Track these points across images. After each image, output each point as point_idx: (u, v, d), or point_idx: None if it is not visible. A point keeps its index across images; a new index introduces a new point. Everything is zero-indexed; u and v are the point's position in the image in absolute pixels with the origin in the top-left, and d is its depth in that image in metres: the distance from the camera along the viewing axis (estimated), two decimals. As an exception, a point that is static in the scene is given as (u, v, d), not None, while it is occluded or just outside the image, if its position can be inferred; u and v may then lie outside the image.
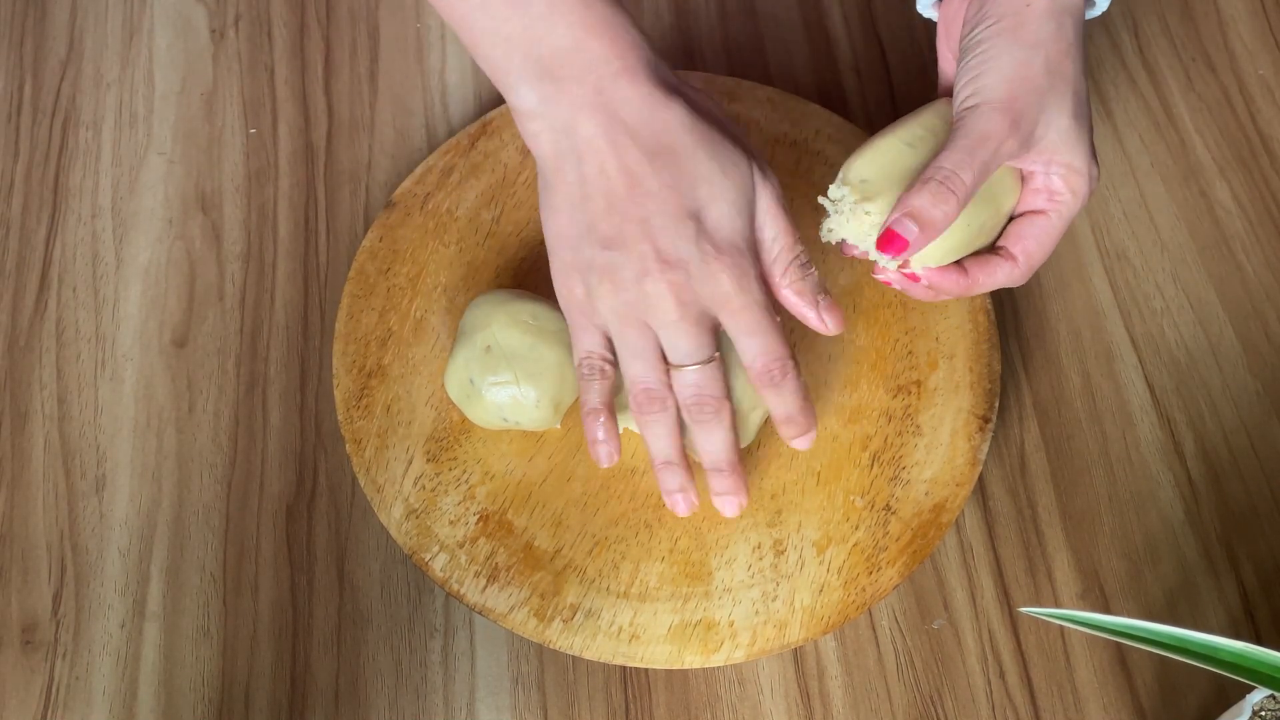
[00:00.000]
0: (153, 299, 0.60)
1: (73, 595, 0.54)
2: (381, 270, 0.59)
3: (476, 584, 0.53)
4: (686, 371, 0.49)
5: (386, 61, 0.67)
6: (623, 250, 0.46)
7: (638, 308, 0.47)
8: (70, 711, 0.52)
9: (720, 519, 0.54)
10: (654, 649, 0.51)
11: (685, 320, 0.48)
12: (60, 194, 0.63)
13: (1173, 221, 0.64)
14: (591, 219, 0.47)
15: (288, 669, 0.53)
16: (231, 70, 0.67)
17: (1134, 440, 0.58)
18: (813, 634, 0.52)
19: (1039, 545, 0.56)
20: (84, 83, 0.66)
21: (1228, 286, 0.62)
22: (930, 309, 0.59)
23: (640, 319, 0.48)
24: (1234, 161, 0.65)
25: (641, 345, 0.49)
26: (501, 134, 0.63)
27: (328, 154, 0.65)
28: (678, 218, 0.46)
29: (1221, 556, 0.56)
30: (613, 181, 0.46)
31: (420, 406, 0.56)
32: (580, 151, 0.46)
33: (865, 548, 0.53)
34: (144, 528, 0.55)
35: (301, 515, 0.56)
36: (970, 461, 0.55)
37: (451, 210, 0.61)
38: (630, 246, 0.46)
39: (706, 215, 0.47)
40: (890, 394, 0.57)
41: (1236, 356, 0.60)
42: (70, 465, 0.56)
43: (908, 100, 0.67)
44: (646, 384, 0.49)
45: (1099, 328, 0.61)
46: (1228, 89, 0.67)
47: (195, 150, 0.64)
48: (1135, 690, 0.53)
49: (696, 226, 0.46)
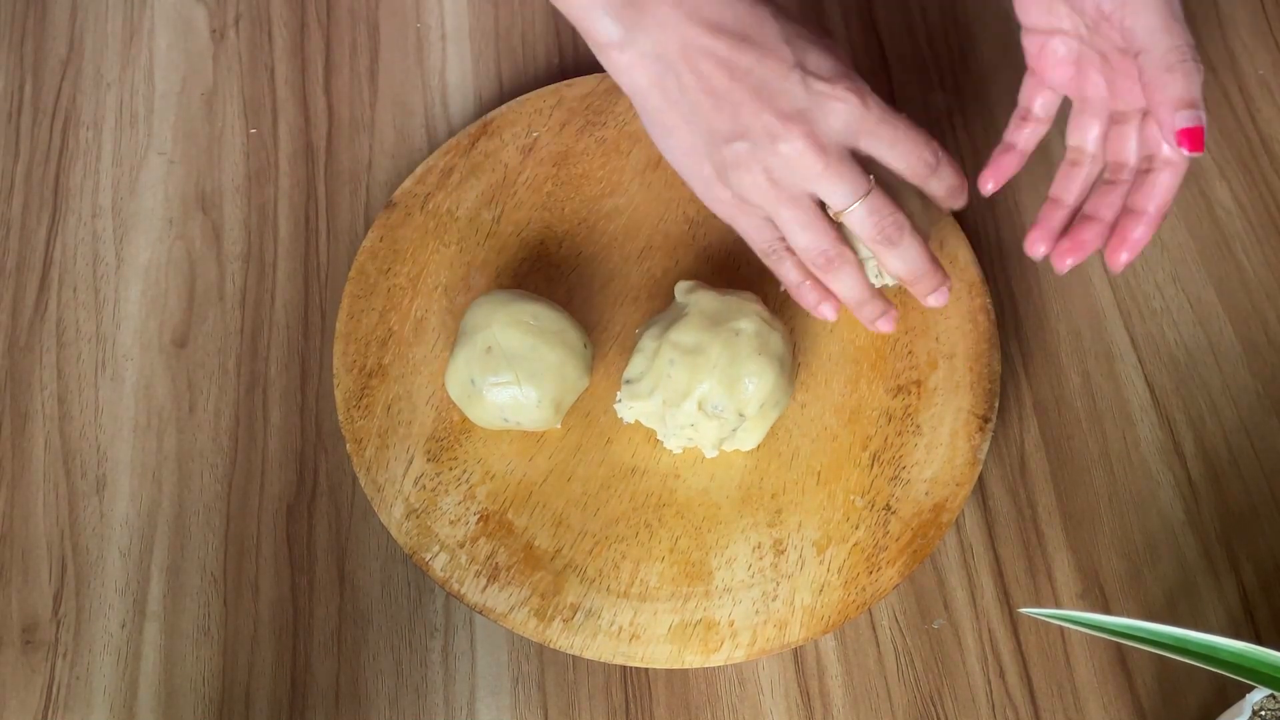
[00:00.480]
0: (153, 299, 0.61)
1: (73, 595, 0.54)
2: (382, 270, 0.59)
3: (477, 584, 0.53)
4: (855, 212, 0.50)
5: (387, 61, 0.67)
6: (745, 133, 0.48)
7: (783, 175, 0.49)
8: (70, 711, 0.52)
9: (719, 517, 0.54)
10: (654, 648, 0.52)
11: (830, 164, 0.49)
12: (60, 194, 0.63)
13: (1172, 221, 0.64)
14: (708, 123, 0.48)
15: (288, 668, 0.53)
16: (232, 70, 0.67)
17: (1134, 440, 0.58)
18: (813, 633, 0.52)
19: (1039, 545, 0.56)
20: (84, 83, 0.66)
21: (1227, 286, 0.62)
22: (930, 309, 0.59)
23: (789, 190, 0.49)
24: (1234, 162, 0.65)
25: (803, 217, 0.50)
26: (501, 134, 0.63)
27: (328, 154, 0.65)
28: (781, 74, 0.48)
29: (1221, 556, 0.56)
30: (712, 79, 0.48)
31: (420, 406, 0.56)
32: (674, 65, 0.48)
33: (865, 547, 0.53)
34: (144, 527, 0.55)
35: (302, 515, 0.56)
36: (970, 461, 0.55)
37: (452, 210, 0.61)
38: (751, 126, 0.48)
39: (806, 62, 0.48)
40: (890, 394, 0.57)
41: (1236, 356, 0.60)
42: (71, 465, 0.57)
43: (907, 98, 0.67)
44: (821, 250, 0.51)
45: (1099, 328, 0.61)
46: (1227, 89, 0.67)
47: (196, 150, 0.64)
48: (1135, 690, 0.53)
49: (801, 74, 0.48)
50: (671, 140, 0.50)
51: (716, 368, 0.51)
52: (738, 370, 0.52)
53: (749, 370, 0.52)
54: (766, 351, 0.52)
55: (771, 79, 0.48)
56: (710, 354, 0.51)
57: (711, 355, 0.51)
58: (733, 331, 0.52)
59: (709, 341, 0.52)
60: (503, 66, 0.67)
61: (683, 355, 0.52)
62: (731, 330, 0.52)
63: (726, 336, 0.52)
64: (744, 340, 0.52)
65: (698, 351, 0.52)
